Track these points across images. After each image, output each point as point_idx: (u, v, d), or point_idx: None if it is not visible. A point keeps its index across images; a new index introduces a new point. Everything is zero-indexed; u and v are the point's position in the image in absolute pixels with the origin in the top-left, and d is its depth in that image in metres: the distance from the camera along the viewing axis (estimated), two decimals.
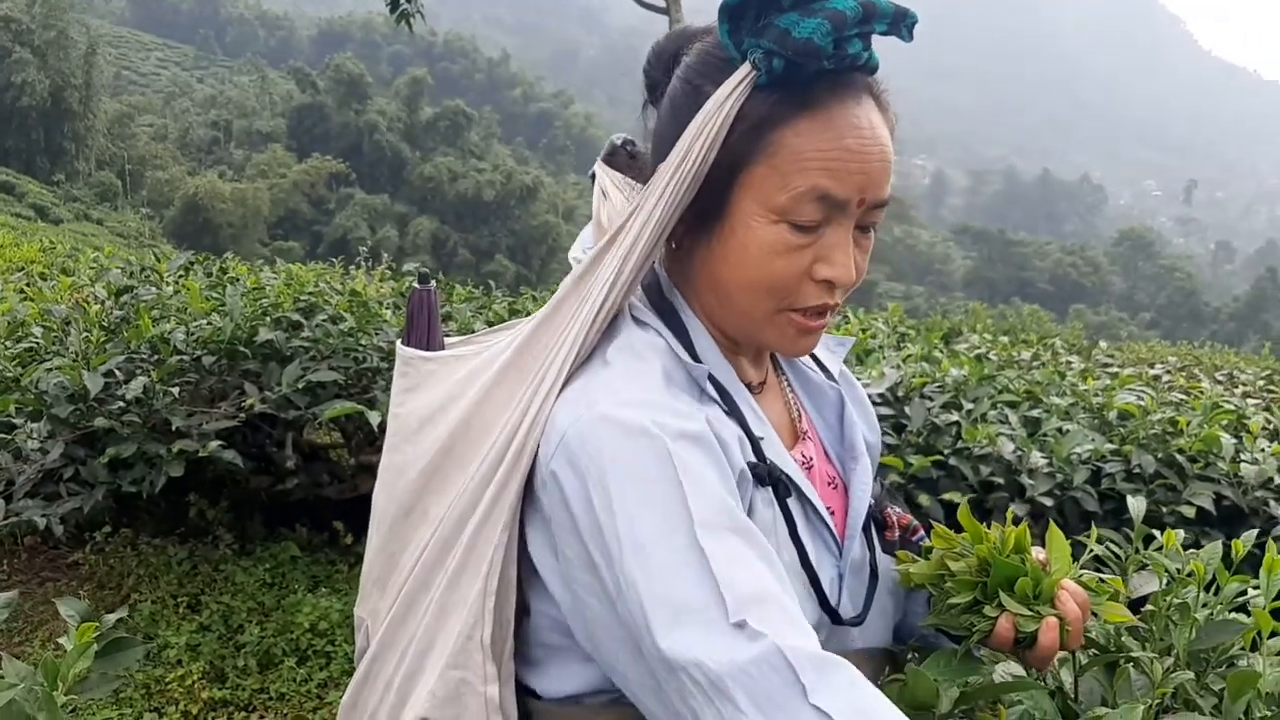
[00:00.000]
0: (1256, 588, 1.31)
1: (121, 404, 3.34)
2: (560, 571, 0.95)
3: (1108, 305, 72.92)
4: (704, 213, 0.99)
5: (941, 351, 4.92)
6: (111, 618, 1.33)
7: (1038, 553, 1.11)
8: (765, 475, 0.99)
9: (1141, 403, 3.79)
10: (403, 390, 1.16)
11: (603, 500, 0.87)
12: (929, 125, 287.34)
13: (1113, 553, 1.47)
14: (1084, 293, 76.47)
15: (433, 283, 1.23)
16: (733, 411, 1.01)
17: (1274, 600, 1.27)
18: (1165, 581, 1.32)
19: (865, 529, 1.12)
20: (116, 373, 3.44)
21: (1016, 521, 1.14)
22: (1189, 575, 1.28)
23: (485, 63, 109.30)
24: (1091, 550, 1.36)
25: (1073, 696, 1.22)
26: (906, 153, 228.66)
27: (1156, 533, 1.45)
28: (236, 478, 3.97)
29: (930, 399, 3.85)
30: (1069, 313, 56.68)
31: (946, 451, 3.45)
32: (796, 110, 0.93)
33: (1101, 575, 1.16)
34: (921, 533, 1.20)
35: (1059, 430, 3.59)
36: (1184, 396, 4.34)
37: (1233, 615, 1.30)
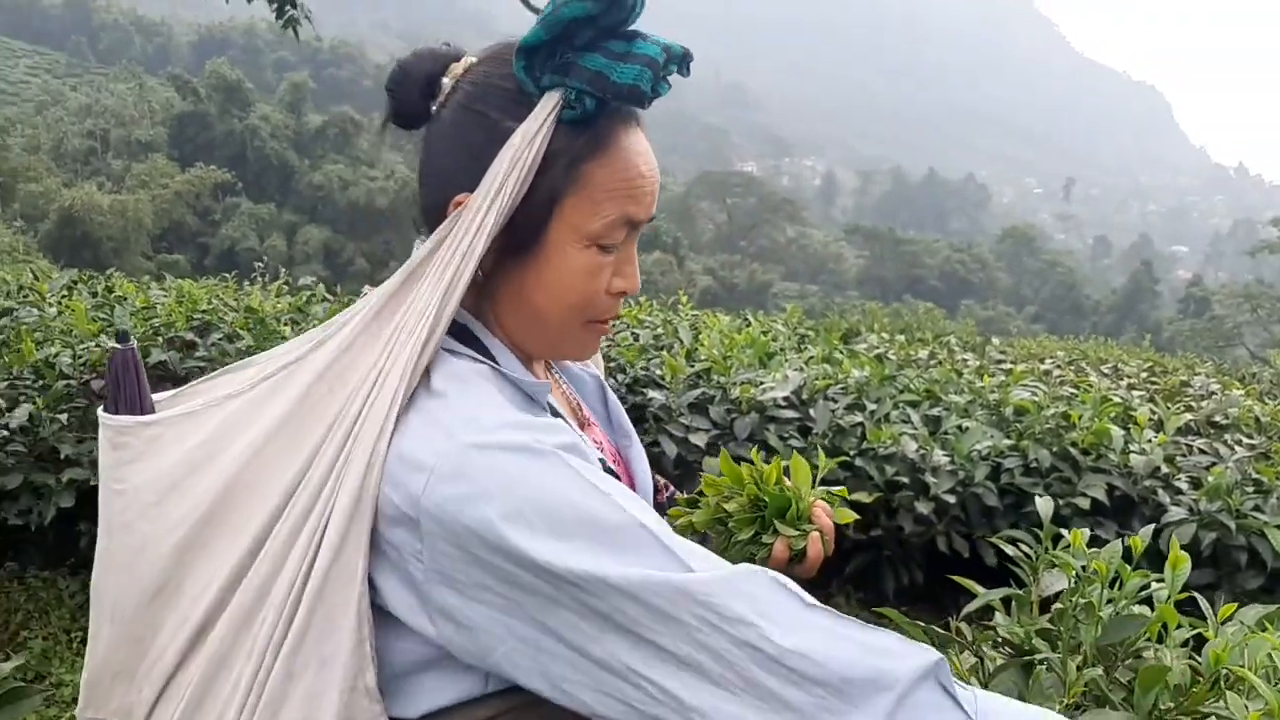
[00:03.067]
0: (1159, 580, 1.37)
1: (5, 433, 3.21)
2: (447, 603, 0.93)
3: (995, 300, 74.94)
4: (518, 242, 1.02)
5: (842, 352, 5.00)
6: (7, 667, 1.26)
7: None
8: (601, 467, 1.03)
9: (1035, 398, 3.92)
10: (122, 464, 1.06)
11: (518, 521, 0.88)
12: (816, 127, 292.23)
13: (1024, 554, 1.51)
14: (972, 289, 78.50)
15: (133, 340, 1.12)
16: (558, 418, 1.06)
17: (1177, 594, 1.32)
18: (1073, 580, 1.37)
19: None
20: None
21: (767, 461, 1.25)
22: (1093, 574, 1.32)
23: (373, 68, 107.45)
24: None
25: None
26: (796, 154, 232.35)
27: (1064, 531, 1.50)
28: None
29: (834, 401, 3.91)
30: (959, 308, 58.15)
31: (852, 452, 3.52)
32: (600, 146, 1.00)
33: (829, 489, 1.25)
34: (672, 489, 1.32)
35: (959, 428, 3.68)
36: (1074, 390, 4.50)
37: (1137, 609, 1.35)
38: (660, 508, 1.24)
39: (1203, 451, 3.76)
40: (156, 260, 44.22)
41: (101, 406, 1.11)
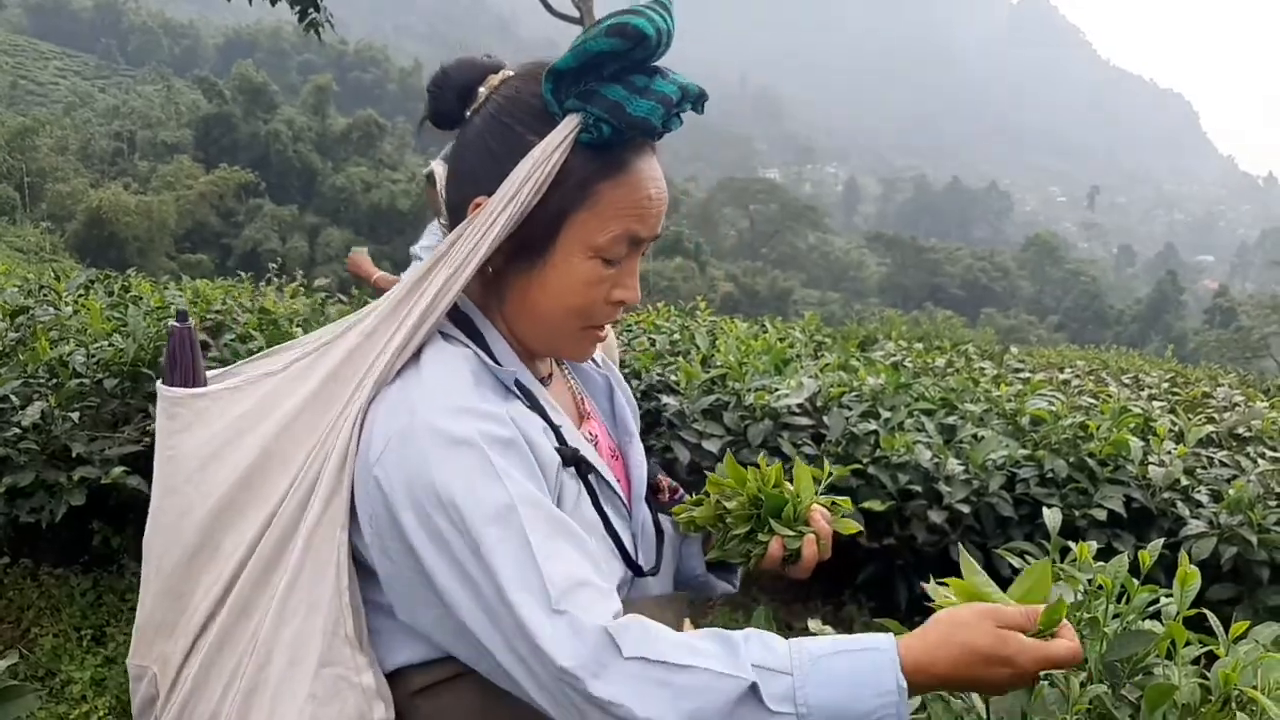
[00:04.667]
0: (1168, 595, 1.33)
1: (18, 430, 3.21)
2: (381, 564, 1.06)
3: (1017, 309, 74.58)
4: (528, 247, 1.12)
5: (858, 360, 4.97)
6: (1, 665, 1.26)
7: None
8: (569, 457, 1.14)
9: (1053, 408, 3.87)
10: (173, 432, 1.17)
11: (432, 502, 1.00)
12: (840, 135, 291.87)
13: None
14: (994, 297, 78.16)
15: (191, 320, 1.23)
16: (534, 406, 1.16)
17: (1187, 610, 1.29)
18: (1079, 595, 1.34)
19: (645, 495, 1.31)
20: (12, 398, 3.31)
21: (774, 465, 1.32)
22: (1099, 588, 1.29)
23: (398, 72, 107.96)
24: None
25: (986, 718, 1.22)
26: (819, 161, 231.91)
27: (1071, 544, 1.47)
28: (143, 503, 3.84)
29: (849, 408, 3.88)
30: (980, 317, 57.89)
31: (865, 460, 3.48)
32: (613, 168, 1.10)
33: (835, 498, 1.32)
34: (682, 492, 1.39)
35: (974, 437, 3.64)
36: (1093, 400, 4.45)
37: (1147, 623, 1.32)
38: (666, 507, 1.33)
39: (1224, 464, 3.70)
40: (180, 260, 44.50)
41: (160, 379, 1.22)
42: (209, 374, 1.23)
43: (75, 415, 3.27)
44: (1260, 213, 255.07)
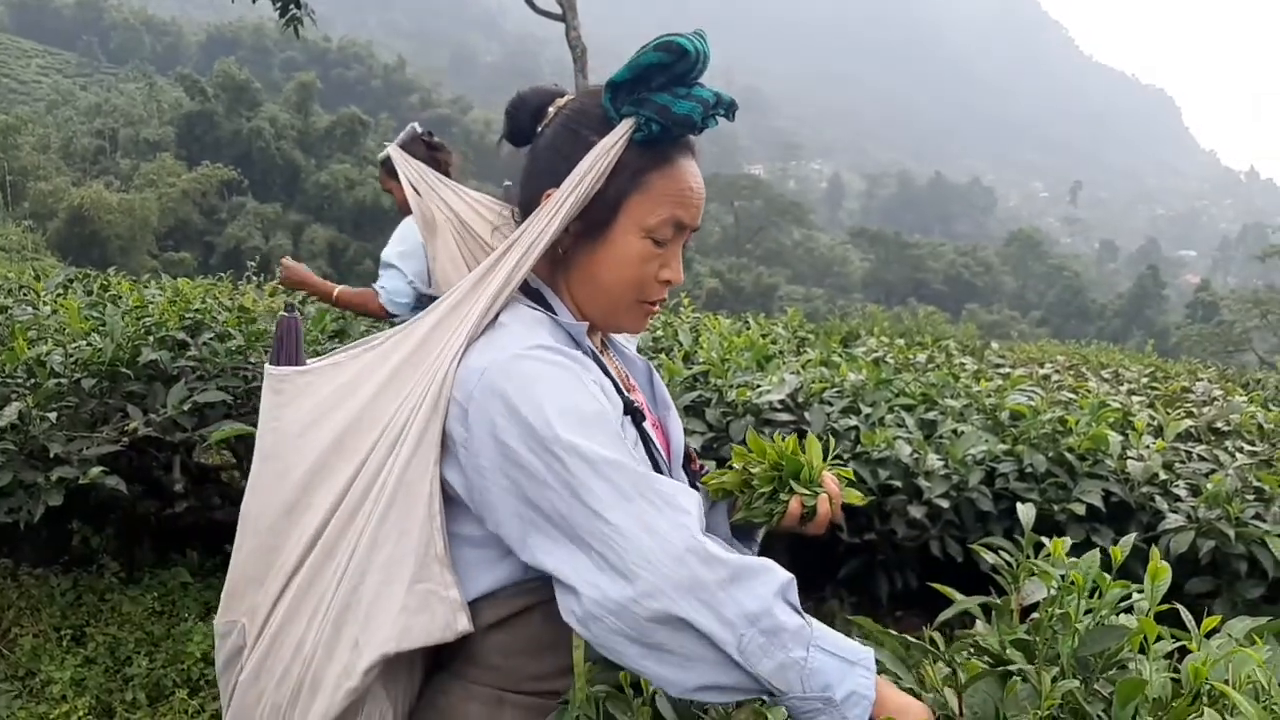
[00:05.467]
0: (1140, 590, 1.34)
1: None
2: (475, 483, 1.21)
3: (1000, 304, 74.79)
4: (592, 228, 1.33)
5: (840, 356, 4.97)
6: None
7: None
8: (628, 404, 1.35)
9: (1032, 403, 3.88)
10: (279, 406, 1.33)
11: (530, 404, 1.17)
12: (825, 130, 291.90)
13: (1005, 561, 1.49)
14: (977, 292, 78.34)
15: (297, 311, 1.39)
16: (596, 360, 1.35)
17: (1158, 605, 1.29)
18: (1052, 589, 1.34)
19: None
20: None
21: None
22: (1072, 584, 1.30)
23: (381, 68, 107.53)
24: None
25: (959, 713, 1.23)
26: (804, 157, 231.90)
27: (1045, 540, 1.47)
28: (122, 503, 3.82)
29: (830, 404, 3.88)
30: (963, 312, 58.06)
31: (846, 456, 3.49)
32: (661, 161, 1.32)
33: (840, 469, 1.52)
34: (707, 467, 1.61)
35: (954, 432, 3.65)
36: (1072, 395, 4.46)
37: (1122, 618, 1.32)
38: (694, 476, 1.53)
39: (1203, 458, 3.71)
40: (162, 259, 44.25)
41: (267, 361, 1.41)
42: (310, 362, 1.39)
43: (53, 415, 3.25)
44: (1242, 207, 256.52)
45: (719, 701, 1.14)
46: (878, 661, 1.17)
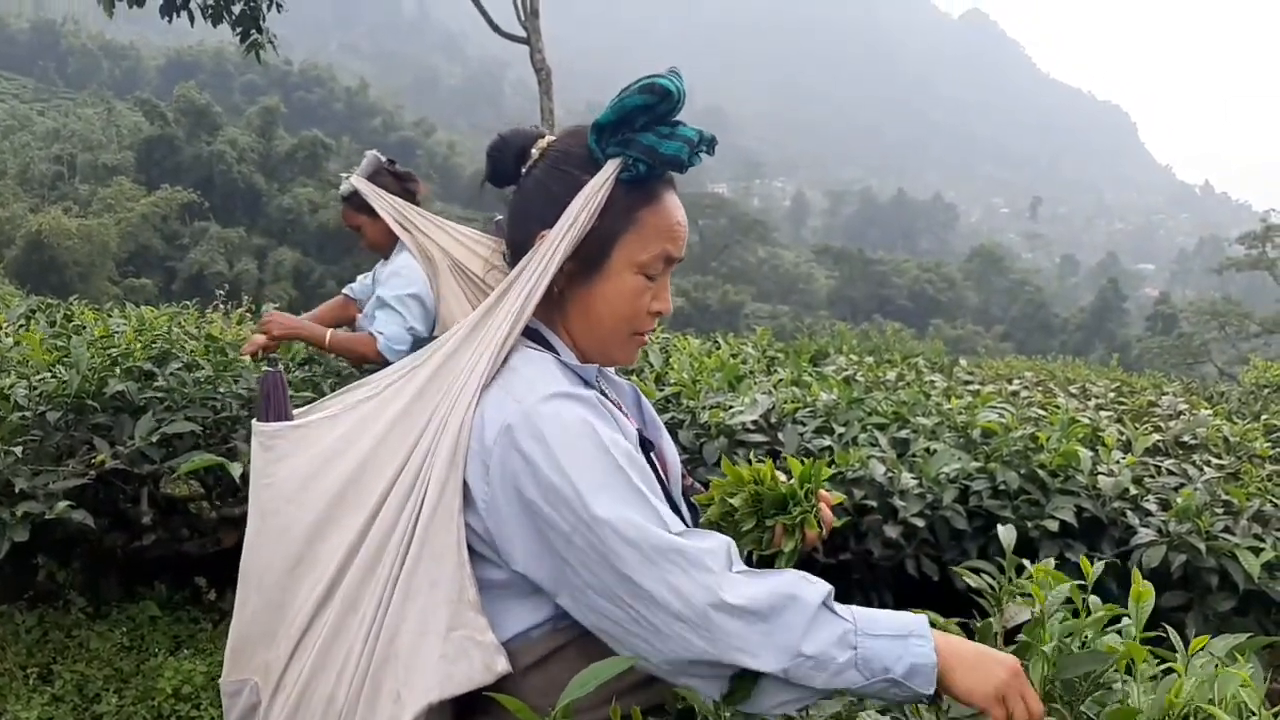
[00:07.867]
0: (1123, 613, 1.34)
1: None
2: (499, 534, 1.25)
3: (964, 319, 75.34)
4: (586, 266, 1.37)
5: (810, 375, 4.99)
6: None
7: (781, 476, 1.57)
8: (638, 436, 1.38)
9: (1003, 420, 3.90)
10: (270, 462, 1.34)
11: (552, 465, 1.20)
12: (788, 147, 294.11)
13: (988, 584, 1.49)
14: (941, 308, 78.90)
15: (280, 365, 1.36)
16: (604, 397, 1.38)
17: (1142, 625, 1.30)
18: (1035, 613, 1.34)
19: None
20: None
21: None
22: (1053, 608, 1.30)
23: (343, 91, 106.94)
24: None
25: None
26: (767, 175, 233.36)
27: (1027, 562, 1.48)
28: (89, 537, 3.75)
29: (803, 424, 3.89)
30: (928, 328, 58.44)
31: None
32: (650, 198, 1.37)
33: (834, 492, 1.63)
34: (695, 483, 1.67)
35: (927, 450, 3.66)
36: (1042, 412, 4.49)
37: (1108, 637, 1.33)
38: (687, 493, 1.57)
39: (1171, 472, 3.75)
40: (124, 285, 43.73)
41: (255, 418, 1.42)
42: (296, 411, 1.42)
43: (18, 450, 3.19)
44: (1198, 220, 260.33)
45: (796, 708, 1.20)
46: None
